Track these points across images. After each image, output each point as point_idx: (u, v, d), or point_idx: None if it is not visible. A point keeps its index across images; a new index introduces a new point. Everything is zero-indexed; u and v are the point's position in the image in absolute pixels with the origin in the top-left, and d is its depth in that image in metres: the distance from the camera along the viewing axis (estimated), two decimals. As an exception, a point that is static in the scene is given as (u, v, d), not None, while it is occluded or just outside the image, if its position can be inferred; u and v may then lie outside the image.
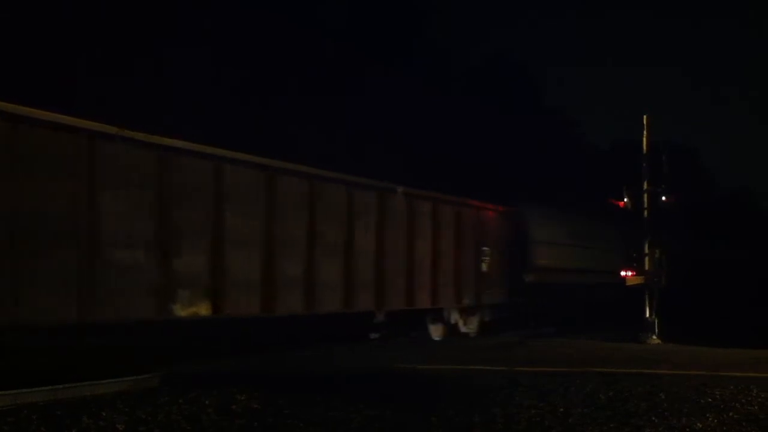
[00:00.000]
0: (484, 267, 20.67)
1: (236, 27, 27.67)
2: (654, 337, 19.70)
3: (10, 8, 20.50)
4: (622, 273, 21.30)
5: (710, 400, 10.07)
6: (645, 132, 20.77)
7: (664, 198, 21.09)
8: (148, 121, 14.00)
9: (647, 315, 20.09)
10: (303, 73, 30.07)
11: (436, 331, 19.52)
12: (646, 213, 20.76)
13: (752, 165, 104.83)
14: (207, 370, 12.76)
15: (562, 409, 9.27)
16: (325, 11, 35.06)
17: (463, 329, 20.23)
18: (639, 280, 20.53)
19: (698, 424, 8.52)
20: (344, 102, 30.14)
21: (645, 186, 20.85)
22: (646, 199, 20.82)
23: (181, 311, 12.79)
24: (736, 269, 35.42)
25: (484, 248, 20.76)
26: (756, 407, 9.63)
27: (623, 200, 22.17)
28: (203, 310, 13.19)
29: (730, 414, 9.13)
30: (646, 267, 20.39)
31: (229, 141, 15.37)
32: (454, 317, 19.97)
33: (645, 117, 20.85)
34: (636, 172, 21.43)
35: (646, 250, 20.48)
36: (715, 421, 8.74)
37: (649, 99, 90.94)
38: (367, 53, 33.42)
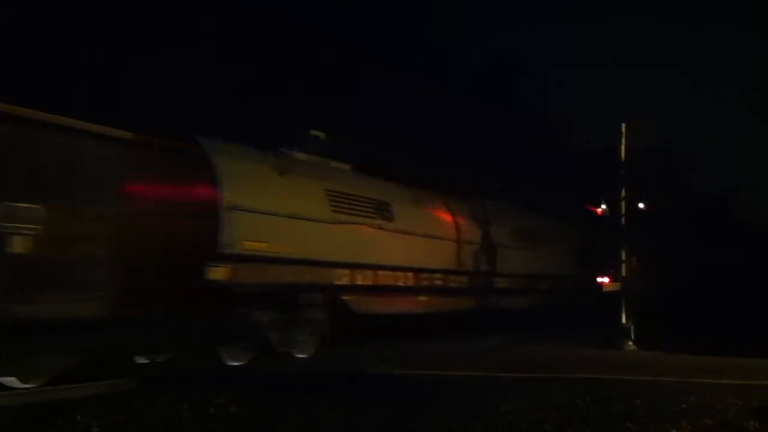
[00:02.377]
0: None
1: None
2: (630, 343, 19.73)
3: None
4: (599, 279, 21.12)
5: (685, 406, 10.01)
6: (623, 140, 20.78)
7: (641, 205, 20.98)
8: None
9: (623, 321, 20.11)
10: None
11: None
12: (623, 219, 20.74)
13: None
14: (184, 372, 12.69)
15: (539, 415, 9.21)
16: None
17: None
18: (615, 286, 20.53)
19: (672, 431, 8.51)
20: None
21: (622, 193, 20.81)
22: (623, 206, 20.78)
23: None
24: (719, 274, 35.54)
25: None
26: (731, 414, 9.57)
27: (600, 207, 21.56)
28: None
29: (705, 420, 9.08)
30: (623, 274, 20.40)
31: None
32: None
33: (623, 125, 20.88)
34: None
35: (623, 257, 20.50)
36: (690, 427, 8.71)
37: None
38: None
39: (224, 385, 10.87)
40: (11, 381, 11.15)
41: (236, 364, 14.42)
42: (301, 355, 15.60)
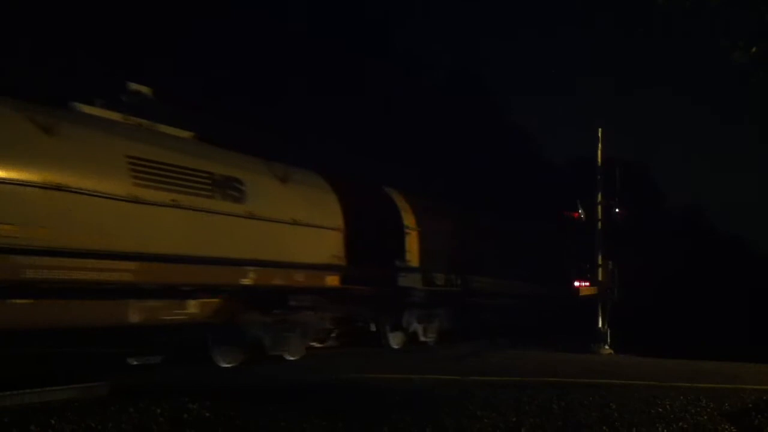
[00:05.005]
0: None
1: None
2: (606, 347, 19.82)
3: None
4: (576, 283, 21.06)
5: (660, 410, 10.06)
6: (599, 145, 20.87)
7: (617, 210, 20.99)
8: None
9: (600, 326, 20.19)
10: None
11: None
12: (599, 225, 20.78)
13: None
14: (156, 379, 12.62)
15: (514, 419, 9.20)
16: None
17: None
18: (592, 291, 20.56)
19: (648, 435, 8.58)
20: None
21: (599, 198, 20.85)
22: (599, 211, 20.81)
23: None
24: (694, 280, 35.95)
25: None
26: (705, 417, 9.64)
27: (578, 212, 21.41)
28: None
29: (680, 424, 9.13)
30: (600, 278, 20.45)
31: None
32: None
33: (599, 130, 20.98)
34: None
35: (600, 262, 20.54)
36: (665, 431, 8.80)
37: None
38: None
39: (199, 390, 10.81)
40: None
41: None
42: None
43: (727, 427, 9.10)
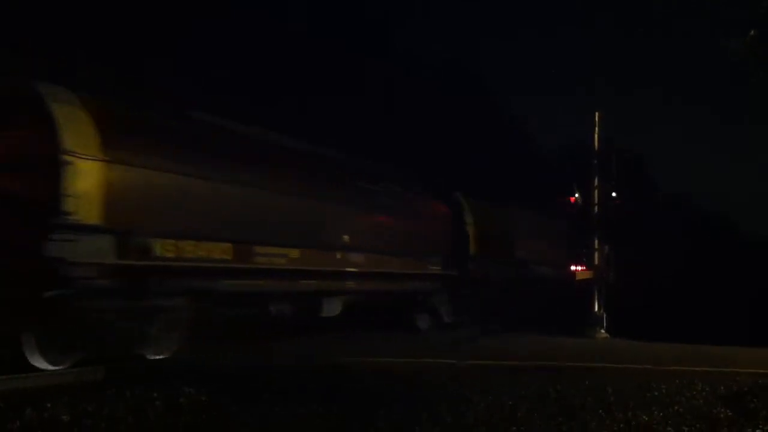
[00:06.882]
0: None
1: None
2: (602, 331, 19.63)
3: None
4: (572, 267, 20.84)
5: (656, 394, 9.92)
6: (596, 129, 20.60)
7: (614, 194, 20.72)
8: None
9: (595, 310, 19.99)
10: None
11: None
12: (596, 209, 20.50)
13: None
14: (153, 363, 12.47)
15: (510, 403, 9.02)
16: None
17: None
18: (588, 274, 20.37)
19: (644, 418, 8.35)
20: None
21: (595, 182, 20.57)
22: (596, 195, 20.50)
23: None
24: (689, 265, 35.88)
25: None
26: (701, 401, 9.49)
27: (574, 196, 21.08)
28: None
29: (676, 408, 8.97)
30: (596, 262, 20.20)
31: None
32: None
33: (596, 114, 20.70)
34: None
35: (596, 246, 20.31)
36: (661, 414, 8.57)
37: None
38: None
39: (194, 375, 10.60)
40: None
41: None
42: None
43: (722, 410, 8.94)
